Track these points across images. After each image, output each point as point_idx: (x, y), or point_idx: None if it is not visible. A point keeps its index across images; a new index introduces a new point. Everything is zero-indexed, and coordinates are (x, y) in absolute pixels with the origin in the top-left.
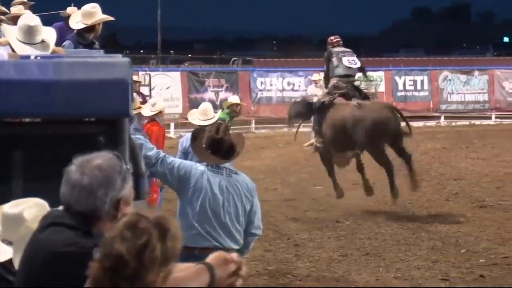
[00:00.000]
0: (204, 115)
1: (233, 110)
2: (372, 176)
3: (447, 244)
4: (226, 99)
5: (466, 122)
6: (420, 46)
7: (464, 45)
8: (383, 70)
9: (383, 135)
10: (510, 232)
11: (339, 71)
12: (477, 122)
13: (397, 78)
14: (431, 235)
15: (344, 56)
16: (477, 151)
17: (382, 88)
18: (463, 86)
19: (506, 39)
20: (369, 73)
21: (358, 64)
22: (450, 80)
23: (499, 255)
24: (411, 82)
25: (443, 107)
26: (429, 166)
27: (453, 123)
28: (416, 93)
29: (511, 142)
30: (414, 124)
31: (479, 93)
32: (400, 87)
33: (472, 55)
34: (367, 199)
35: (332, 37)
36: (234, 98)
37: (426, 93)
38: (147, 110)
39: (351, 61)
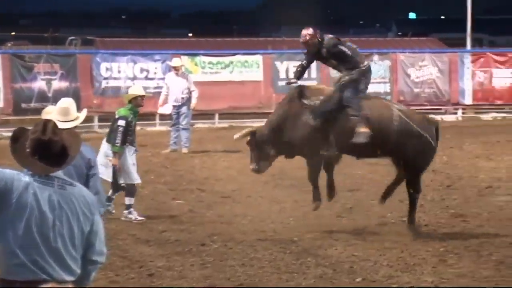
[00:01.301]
0: (63, 115)
1: (137, 104)
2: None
3: (339, 272)
4: (60, 89)
5: None
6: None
7: (361, 22)
8: (261, 54)
9: None
10: (415, 256)
11: None
12: None
13: (278, 63)
14: (319, 261)
15: None
16: None
17: (259, 76)
18: None
19: (412, 15)
20: (243, 58)
21: None
22: None
23: (402, 284)
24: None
25: None
26: None
27: None
28: (301, 83)
29: None
30: None
31: (379, 82)
32: (282, 74)
33: (370, 35)
34: (240, 216)
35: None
36: (137, 89)
37: (314, 82)
38: None
39: None
